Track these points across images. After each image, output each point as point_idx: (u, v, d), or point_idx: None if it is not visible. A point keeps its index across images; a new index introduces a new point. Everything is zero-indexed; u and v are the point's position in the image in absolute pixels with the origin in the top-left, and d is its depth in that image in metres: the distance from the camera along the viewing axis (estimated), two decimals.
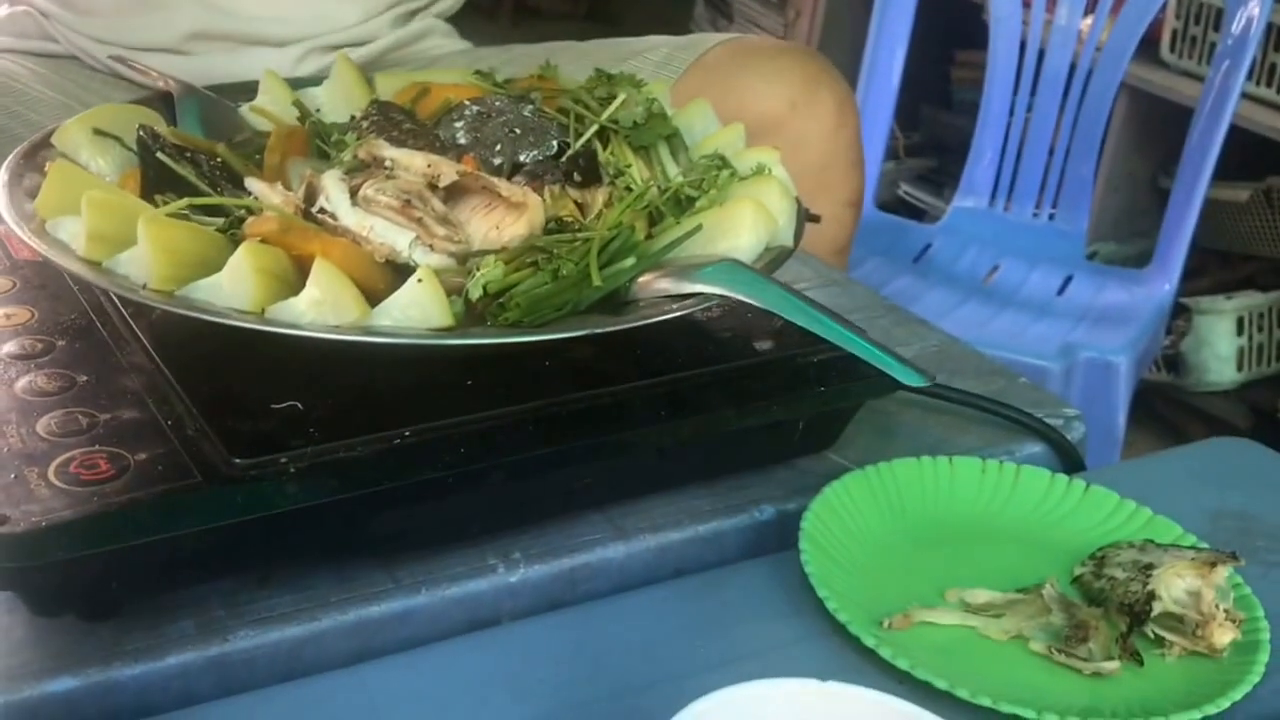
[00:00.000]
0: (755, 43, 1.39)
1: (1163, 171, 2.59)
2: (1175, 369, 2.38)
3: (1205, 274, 2.59)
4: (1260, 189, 2.39)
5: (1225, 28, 1.81)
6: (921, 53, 2.10)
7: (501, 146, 0.85)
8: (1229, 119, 1.78)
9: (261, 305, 0.65)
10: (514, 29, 4.59)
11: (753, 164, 0.83)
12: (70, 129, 0.80)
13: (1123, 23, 1.90)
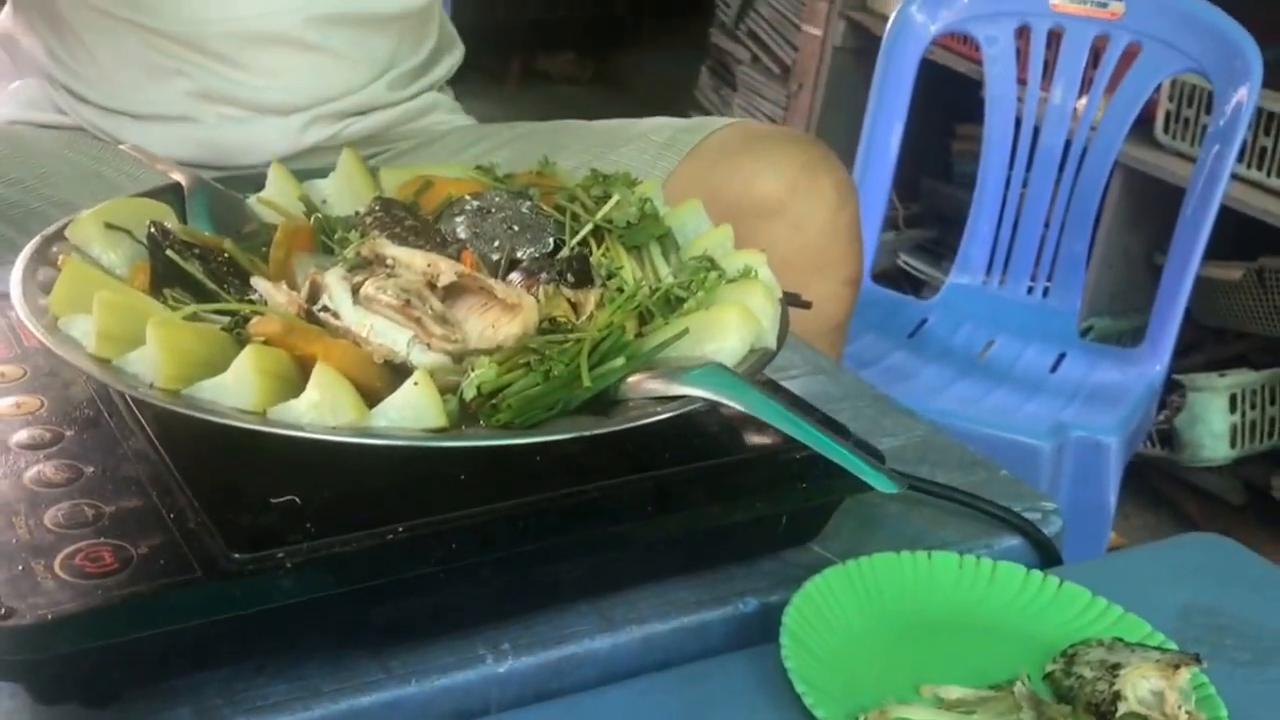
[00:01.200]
0: (757, 128, 1.43)
1: (1157, 249, 2.62)
2: (1170, 444, 2.41)
3: (1199, 350, 2.62)
4: (1253, 268, 2.43)
5: (1216, 112, 1.85)
6: (922, 125, 2.13)
7: (500, 242, 0.89)
8: (1219, 200, 1.82)
9: (264, 406, 0.68)
10: (521, 91, 4.65)
11: (740, 265, 0.86)
12: (83, 223, 0.83)
13: (1117, 103, 1.94)
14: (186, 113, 1.35)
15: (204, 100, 1.35)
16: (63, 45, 1.36)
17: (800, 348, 1.14)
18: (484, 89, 4.21)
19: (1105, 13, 1.93)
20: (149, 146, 1.33)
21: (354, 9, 1.38)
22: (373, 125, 1.44)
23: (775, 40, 3.40)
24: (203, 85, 1.34)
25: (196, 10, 1.31)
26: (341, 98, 1.40)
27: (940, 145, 3.14)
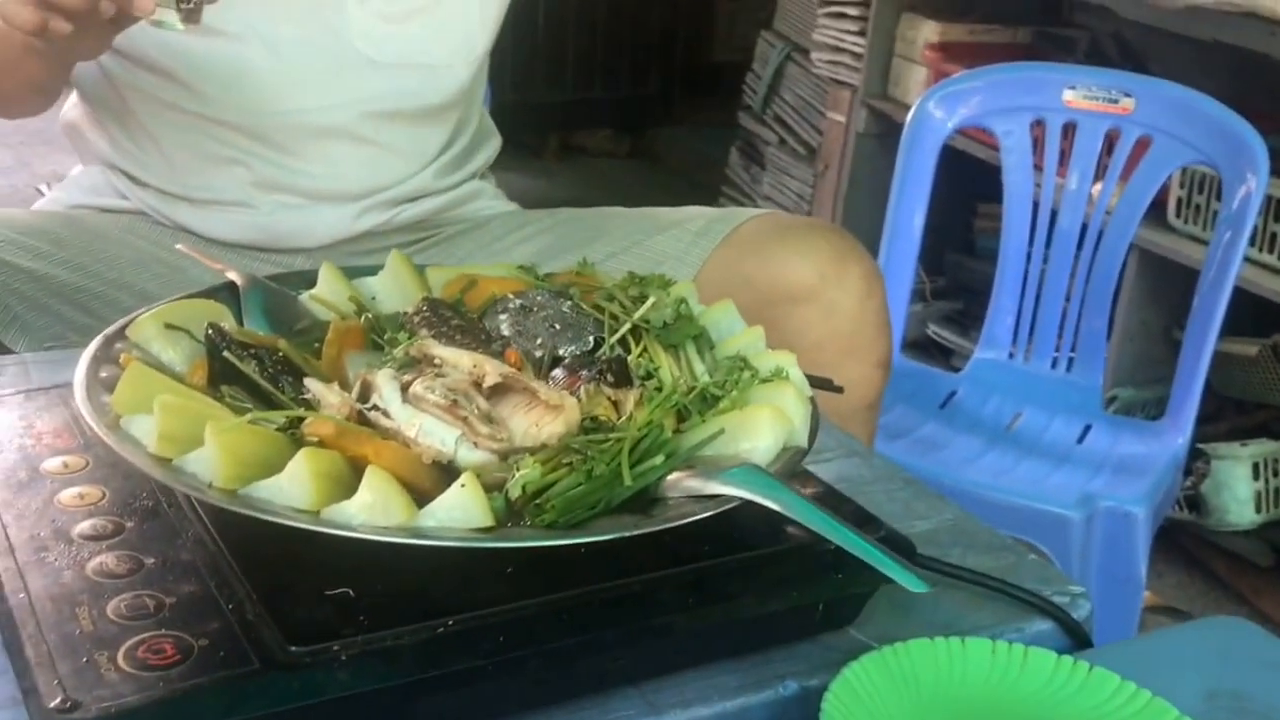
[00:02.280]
0: (787, 218, 1.43)
1: (1175, 324, 2.62)
2: (1196, 509, 2.40)
3: (1222, 419, 2.61)
4: (1268, 345, 2.42)
5: (1225, 200, 1.85)
6: (945, 203, 2.14)
7: (542, 340, 0.89)
8: (1232, 283, 1.81)
9: (318, 506, 0.68)
10: (559, 166, 4.68)
11: (772, 365, 0.86)
12: (143, 323, 0.84)
13: (1130, 191, 1.94)
14: (244, 199, 1.37)
15: (262, 188, 1.37)
16: (126, 134, 1.38)
17: (833, 430, 1.14)
18: (524, 164, 4.25)
19: (1117, 108, 1.94)
20: (207, 230, 1.37)
21: (406, 105, 1.40)
22: (421, 212, 1.45)
23: (801, 125, 3.42)
24: (261, 174, 1.36)
25: (259, 103, 1.33)
26: (392, 186, 1.42)
27: (963, 221, 3.15)
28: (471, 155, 1.52)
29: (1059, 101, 1.98)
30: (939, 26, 2.86)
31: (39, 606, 0.69)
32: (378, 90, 1.38)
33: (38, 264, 1.25)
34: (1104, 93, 1.95)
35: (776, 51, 3.55)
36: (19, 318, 1.21)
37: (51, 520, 0.77)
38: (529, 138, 4.54)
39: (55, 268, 1.26)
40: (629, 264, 1.35)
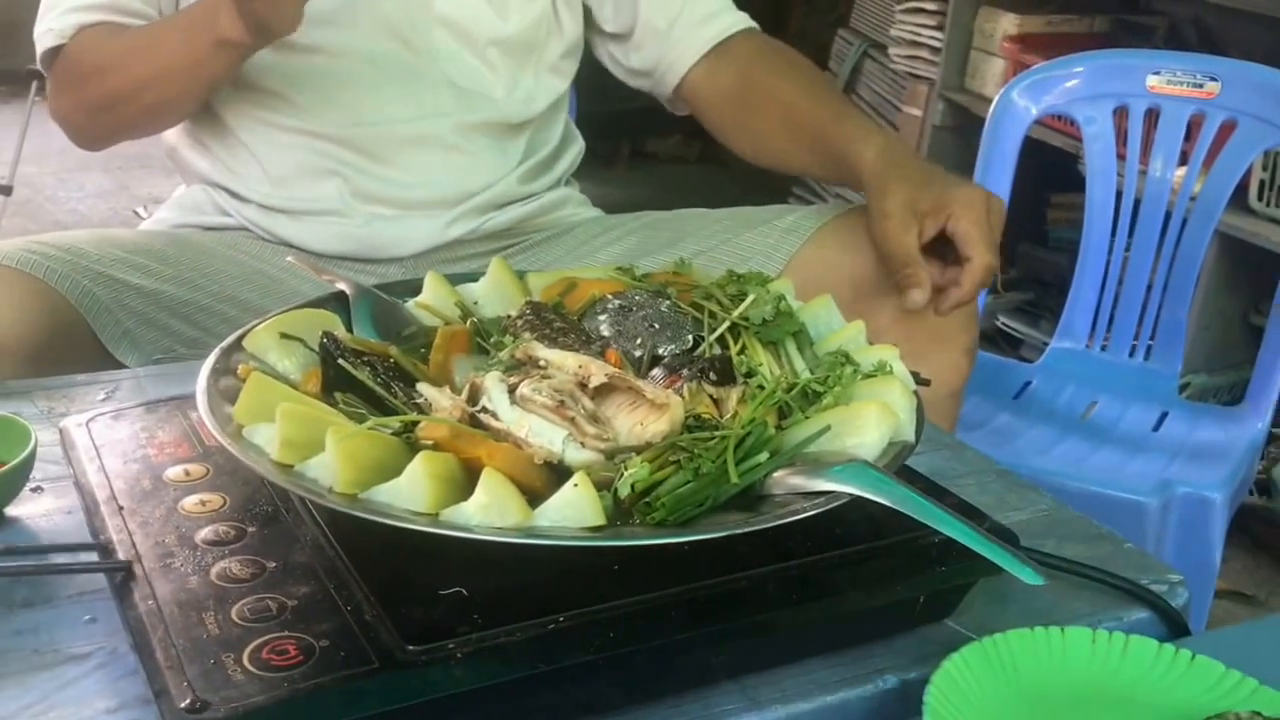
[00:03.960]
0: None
1: (1254, 309, 2.56)
2: (1268, 492, 2.34)
3: None
4: None
5: None
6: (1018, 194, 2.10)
7: (642, 340, 0.89)
8: None
9: (435, 508, 0.68)
10: (632, 173, 4.68)
11: (874, 360, 0.85)
12: (259, 334, 0.85)
13: (1214, 176, 1.89)
14: (341, 210, 1.38)
15: (358, 199, 1.38)
16: (227, 151, 1.40)
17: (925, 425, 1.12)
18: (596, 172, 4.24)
19: (1201, 92, 1.89)
20: (305, 242, 1.38)
21: (496, 116, 1.41)
22: (510, 219, 1.45)
23: (877, 120, 3.39)
24: (357, 185, 1.37)
25: (355, 115, 1.35)
26: (480, 192, 1.42)
27: (1036, 212, 3.10)
28: (556, 160, 1.52)
29: (1143, 87, 1.93)
30: (1017, 18, 2.82)
31: (167, 611, 0.69)
32: (466, 103, 1.39)
33: (146, 280, 1.27)
34: (1189, 77, 1.91)
35: (853, 49, 3.52)
36: (130, 332, 1.23)
37: (176, 527, 0.77)
38: (601, 146, 4.53)
39: (163, 283, 1.28)
40: (716, 262, 1.34)
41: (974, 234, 1.21)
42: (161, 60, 1.27)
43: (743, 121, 1.46)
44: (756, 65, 1.46)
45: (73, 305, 1.18)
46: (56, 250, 1.21)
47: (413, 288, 0.98)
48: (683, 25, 1.46)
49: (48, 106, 1.40)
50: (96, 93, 1.31)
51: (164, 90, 1.29)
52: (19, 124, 3.71)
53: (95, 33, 1.31)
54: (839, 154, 1.34)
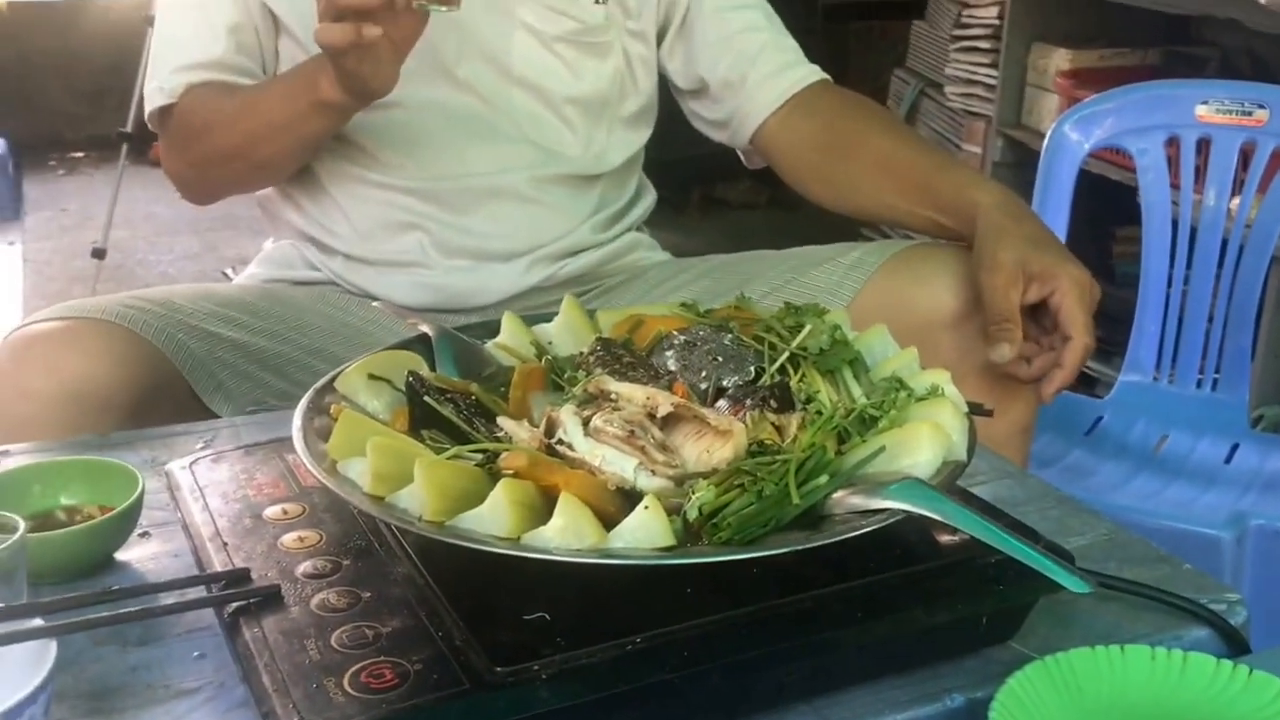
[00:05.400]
0: (939, 246, 1.41)
1: None
2: None
3: None
4: None
5: None
6: (1082, 230, 2.11)
7: (707, 372, 0.93)
8: None
9: (517, 533, 0.73)
10: (702, 218, 4.73)
11: (927, 384, 0.88)
12: (350, 376, 0.90)
13: (1269, 202, 1.89)
14: (422, 262, 1.43)
15: (438, 250, 1.43)
16: (316, 204, 1.46)
17: (987, 454, 1.14)
18: (668, 218, 4.27)
19: (1250, 120, 1.90)
20: (389, 294, 1.43)
21: (571, 170, 1.46)
22: (583, 265, 1.50)
23: None
24: (438, 236, 1.43)
25: (435, 170, 1.40)
26: (554, 242, 1.47)
27: (1101, 248, 3.09)
28: (629, 210, 1.57)
29: (1192, 117, 1.94)
30: (1069, 53, 2.83)
31: (272, 640, 0.74)
32: (542, 158, 1.44)
33: (238, 333, 1.32)
34: (1237, 105, 1.92)
35: (910, 89, 3.55)
36: (223, 384, 1.28)
37: (277, 562, 0.82)
38: (672, 193, 4.59)
39: (254, 336, 1.33)
40: (784, 300, 1.37)
41: (1078, 314, 1.23)
42: (266, 119, 1.32)
43: (827, 171, 1.48)
44: (841, 116, 1.49)
45: (168, 358, 1.23)
46: (153, 305, 1.27)
47: (491, 329, 1.03)
48: (756, 77, 1.49)
49: (161, 162, 1.47)
50: (206, 149, 1.38)
51: (268, 148, 1.34)
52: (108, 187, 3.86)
53: (203, 91, 1.38)
54: (950, 200, 1.35)
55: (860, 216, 1.53)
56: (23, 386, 1.15)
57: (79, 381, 1.15)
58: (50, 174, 4.82)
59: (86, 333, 1.19)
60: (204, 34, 1.39)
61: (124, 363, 1.18)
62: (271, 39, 1.42)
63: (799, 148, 1.49)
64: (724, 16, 1.51)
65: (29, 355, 1.17)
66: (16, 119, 4.87)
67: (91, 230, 4.13)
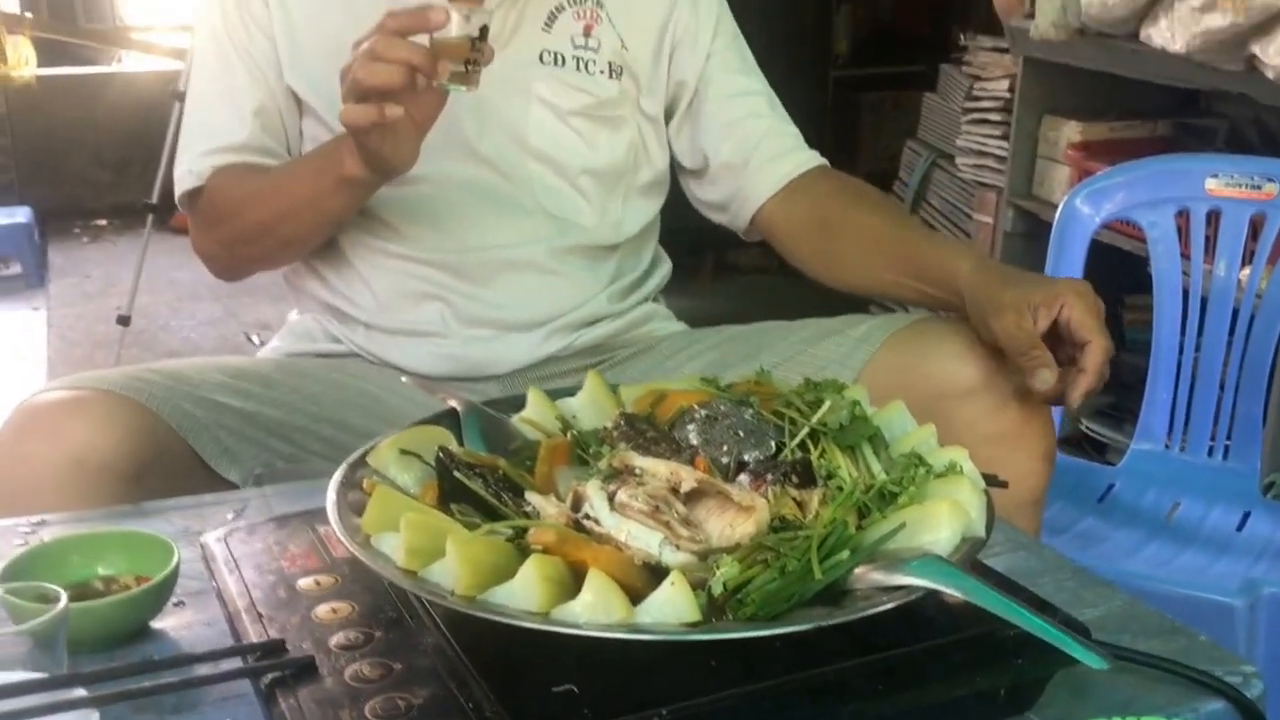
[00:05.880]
0: (945, 321, 1.43)
1: None
2: None
3: None
4: None
5: None
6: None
7: (728, 447, 0.95)
8: None
9: (546, 608, 0.75)
10: (715, 284, 4.77)
11: (945, 460, 0.90)
12: (381, 451, 0.92)
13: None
14: (441, 332, 1.46)
15: (457, 320, 1.46)
16: (339, 276, 1.49)
17: (1001, 525, 1.15)
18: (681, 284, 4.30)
19: (1260, 194, 1.92)
20: (409, 363, 1.46)
21: (588, 241, 1.49)
22: (600, 335, 1.52)
23: (949, 228, 3.45)
24: (457, 307, 1.46)
25: (456, 241, 1.44)
26: (573, 312, 1.50)
27: (1112, 315, 3.09)
28: (645, 280, 1.60)
29: (1202, 190, 1.96)
30: (1080, 126, 2.86)
31: (307, 710, 0.76)
32: (560, 229, 1.47)
33: (245, 403, 1.34)
34: (1246, 179, 1.94)
35: (922, 159, 3.59)
36: (229, 450, 1.30)
37: (311, 633, 0.84)
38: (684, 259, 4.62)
39: (261, 405, 1.35)
40: (794, 372, 1.39)
41: (1089, 320, 1.25)
42: (292, 197, 1.37)
43: (821, 249, 1.52)
44: (834, 198, 1.53)
45: (173, 427, 1.25)
46: (158, 377, 1.29)
47: (516, 403, 1.05)
48: (757, 162, 1.53)
49: (192, 242, 1.51)
50: (235, 229, 1.42)
51: (295, 225, 1.39)
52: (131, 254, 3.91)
53: (231, 173, 1.42)
54: (934, 272, 1.39)
55: (855, 291, 1.56)
56: (24, 453, 1.18)
57: (80, 448, 1.17)
58: (75, 241, 4.89)
59: (90, 402, 1.21)
60: (231, 118, 1.44)
61: (126, 430, 1.20)
62: (295, 119, 1.47)
63: (795, 228, 1.54)
64: (728, 102, 1.55)
65: (33, 424, 1.20)
66: (42, 188, 4.96)
67: (115, 296, 4.18)
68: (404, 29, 1.16)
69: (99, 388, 1.22)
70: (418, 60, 1.15)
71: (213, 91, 1.46)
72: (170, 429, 1.24)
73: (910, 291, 1.45)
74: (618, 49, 1.50)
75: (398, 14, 1.17)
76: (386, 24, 1.17)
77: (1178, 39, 2.27)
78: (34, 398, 1.23)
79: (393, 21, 1.17)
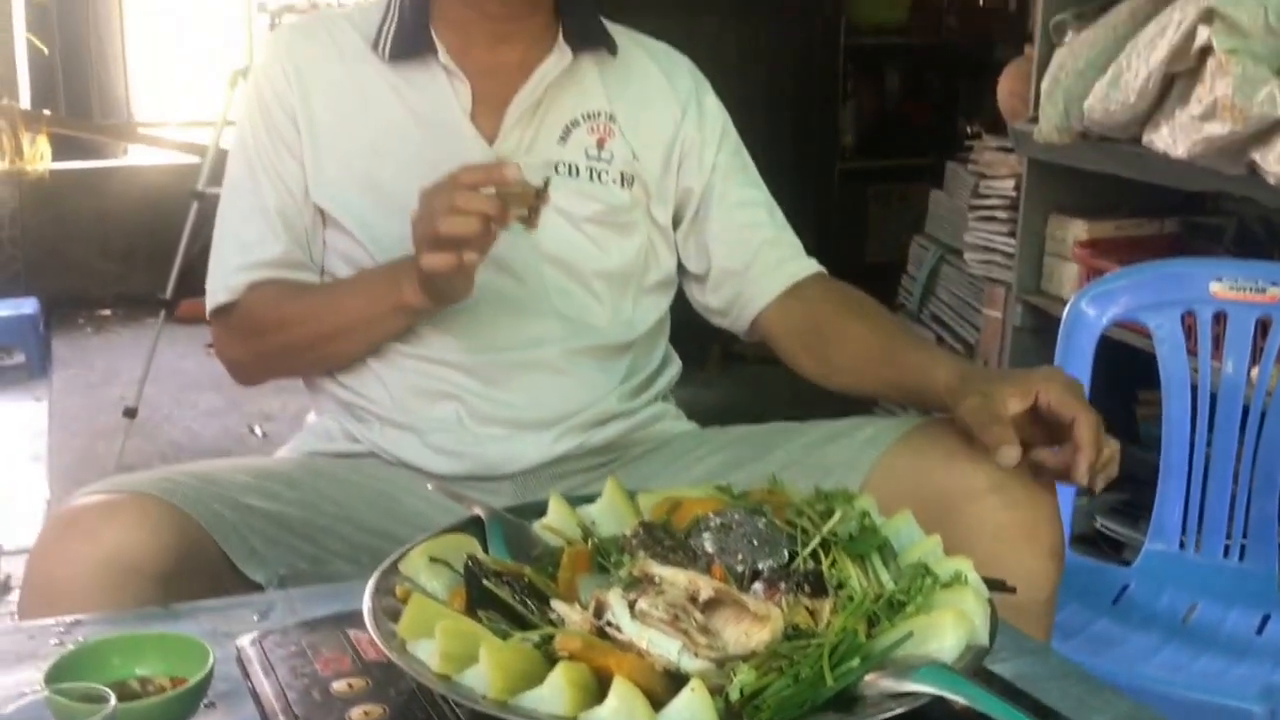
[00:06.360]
0: (943, 424, 1.48)
1: None
2: None
3: None
4: None
5: None
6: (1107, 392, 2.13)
7: (743, 555, 1.01)
8: None
9: (574, 713, 0.81)
10: (721, 374, 4.85)
11: (951, 570, 0.97)
12: (413, 558, 1.00)
13: None
14: (456, 431, 1.53)
15: (472, 420, 1.53)
16: (355, 376, 1.57)
17: (1009, 630, 1.20)
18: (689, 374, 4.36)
19: (1265, 297, 1.98)
20: (426, 464, 1.53)
21: (600, 341, 1.58)
22: (611, 434, 1.59)
23: (958, 322, 3.52)
24: (471, 406, 1.53)
25: (471, 343, 1.52)
26: (585, 411, 1.57)
27: (1125, 410, 3.14)
28: (655, 379, 1.67)
29: (1207, 293, 2.01)
30: (1086, 224, 2.92)
31: None
32: (572, 330, 1.56)
33: (272, 505, 1.41)
34: (1250, 283, 1.99)
35: (930, 254, 3.67)
36: (257, 551, 1.37)
37: None
38: (692, 349, 4.70)
39: (287, 506, 1.42)
40: (803, 474, 1.44)
41: (1067, 397, 1.32)
42: (344, 318, 1.49)
43: (816, 352, 1.62)
44: (828, 304, 1.63)
45: (203, 527, 1.31)
46: (189, 479, 1.36)
47: (537, 509, 1.13)
48: (756, 270, 1.64)
49: (216, 349, 1.61)
50: (274, 343, 1.53)
51: (343, 344, 1.51)
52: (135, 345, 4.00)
53: (269, 289, 1.53)
54: (916, 380, 1.48)
55: (848, 394, 1.64)
56: (63, 554, 1.25)
57: (116, 549, 1.24)
58: (79, 331, 4.99)
59: (126, 505, 1.28)
60: (265, 234, 1.54)
61: (159, 532, 1.27)
62: (319, 232, 1.57)
63: (791, 334, 1.65)
64: (732, 211, 1.66)
65: (72, 527, 1.27)
66: (48, 277, 5.08)
67: (117, 386, 4.27)
68: (478, 182, 1.29)
69: (134, 490, 1.29)
70: (493, 212, 1.28)
71: (245, 208, 1.56)
72: (201, 530, 1.31)
73: (898, 396, 1.55)
74: (629, 159, 1.60)
75: (473, 169, 1.30)
76: (462, 178, 1.29)
77: (1179, 145, 2.35)
78: (73, 502, 1.30)
79: (468, 176, 1.29)
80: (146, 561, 1.25)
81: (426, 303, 1.40)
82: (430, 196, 1.32)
